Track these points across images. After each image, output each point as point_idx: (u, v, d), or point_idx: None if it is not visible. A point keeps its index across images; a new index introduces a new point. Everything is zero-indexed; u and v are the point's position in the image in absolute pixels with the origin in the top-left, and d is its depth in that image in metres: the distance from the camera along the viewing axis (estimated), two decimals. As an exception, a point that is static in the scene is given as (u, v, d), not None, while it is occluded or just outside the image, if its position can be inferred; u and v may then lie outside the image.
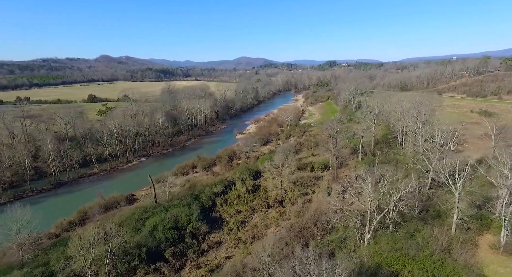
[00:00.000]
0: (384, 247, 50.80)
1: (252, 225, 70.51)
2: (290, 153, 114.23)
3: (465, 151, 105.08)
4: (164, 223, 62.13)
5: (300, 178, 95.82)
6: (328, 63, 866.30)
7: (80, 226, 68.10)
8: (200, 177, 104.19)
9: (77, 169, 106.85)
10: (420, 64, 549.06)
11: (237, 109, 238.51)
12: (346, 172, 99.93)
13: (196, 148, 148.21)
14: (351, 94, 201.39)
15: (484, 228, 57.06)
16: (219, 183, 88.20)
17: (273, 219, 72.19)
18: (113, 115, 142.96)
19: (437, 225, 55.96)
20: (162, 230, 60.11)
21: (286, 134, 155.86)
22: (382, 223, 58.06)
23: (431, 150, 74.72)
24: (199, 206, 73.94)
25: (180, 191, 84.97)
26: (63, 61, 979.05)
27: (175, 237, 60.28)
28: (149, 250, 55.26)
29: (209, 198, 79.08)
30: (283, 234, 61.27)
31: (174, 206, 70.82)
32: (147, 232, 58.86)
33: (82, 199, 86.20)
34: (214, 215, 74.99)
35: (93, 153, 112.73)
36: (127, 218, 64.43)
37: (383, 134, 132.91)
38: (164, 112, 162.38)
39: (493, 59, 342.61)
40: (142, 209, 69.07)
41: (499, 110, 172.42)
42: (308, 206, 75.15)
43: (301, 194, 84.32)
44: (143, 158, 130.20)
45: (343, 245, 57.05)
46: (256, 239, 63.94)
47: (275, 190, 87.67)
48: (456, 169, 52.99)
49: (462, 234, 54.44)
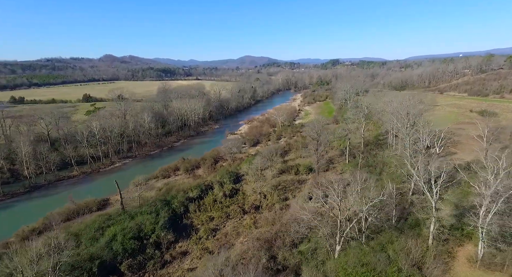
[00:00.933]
0: (352, 261, 46.70)
1: (223, 233, 66.68)
2: (276, 155, 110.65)
3: (458, 153, 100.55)
4: (125, 232, 58.28)
5: (283, 181, 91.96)
6: (331, 61, 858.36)
7: (44, 234, 64.81)
8: (181, 180, 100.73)
9: (54, 171, 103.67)
10: (424, 62, 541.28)
11: (232, 108, 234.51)
12: (331, 175, 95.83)
13: (184, 149, 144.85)
14: (347, 93, 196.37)
15: (466, 239, 52.72)
16: (196, 187, 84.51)
17: (246, 226, 68.36)
18: (99, 115, 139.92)
19: (413, 236, 51.77)
20: (121, 240, 56.14)
21: (277, 135, 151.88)
22: (356, 233, 54.16)
23: (415, 153, 70.36)
24: (169, 212, 70.12)
25: (155, 196, 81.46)
26: (67, 61, 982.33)
27: (135, 248, 56.31)
28: (103, 263, 51.36)
29: (182, 204, 75.24)
30: (249, 245, 57.47)
31: (141, 213, 67.06)
32: (103, 243, 54.99)
33: (55, 203, 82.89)
34: (185, 222, 71.18)
35: (72, 155, 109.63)
36: (86, 227, 60.63)
37: (375, 135, 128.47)
38: (154, 112, 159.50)
39: (497, 57, 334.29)
40: (105, 216, 65.29)
41: (499, 110, 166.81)
42: (284, 213, 71.15)
43: (280, 199, 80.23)
44: (128, 159, 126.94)
45: (313, 256, 53.21)
46: (224, 250, 60.19)
47: (253, 195, 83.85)
48: (432, 176, 48.72)
49: (440, 246, 50.21)
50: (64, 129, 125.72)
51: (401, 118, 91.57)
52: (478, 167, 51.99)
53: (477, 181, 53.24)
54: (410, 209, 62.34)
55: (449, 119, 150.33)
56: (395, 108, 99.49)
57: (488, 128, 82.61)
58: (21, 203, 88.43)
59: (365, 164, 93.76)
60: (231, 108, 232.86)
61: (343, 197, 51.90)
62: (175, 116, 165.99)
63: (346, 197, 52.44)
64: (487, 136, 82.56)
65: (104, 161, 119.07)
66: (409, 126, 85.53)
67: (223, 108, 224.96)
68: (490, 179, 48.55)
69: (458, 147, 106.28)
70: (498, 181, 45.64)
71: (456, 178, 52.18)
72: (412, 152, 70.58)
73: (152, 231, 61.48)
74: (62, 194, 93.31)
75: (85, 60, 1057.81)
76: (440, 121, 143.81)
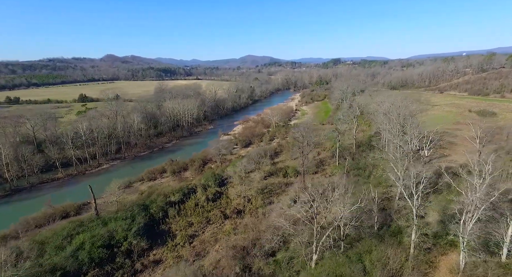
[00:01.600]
0: (326, 272, 43.95)
1: (200, 240, 63.91)
2: (265, 157, 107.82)
3: (452, 155, 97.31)
4: (94, 240, 55.44)
5: (271, 184, 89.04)
6: (333, 61, 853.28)
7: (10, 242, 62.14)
8: (167, 183, 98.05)
9: (38, 174, 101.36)
10: (427, 61, 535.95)
11: (228, 108, 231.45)
12: (321, 178, 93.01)
13: (175, 150, 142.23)
14: (344, 93, 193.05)
15: (450, 247, 49.69)
16: (178, 190, 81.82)
17: (225, 233, 65.61)
18: (89, 116, 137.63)
19: (394, 245, 48.81)
20: (88, 249, 53.18)
21: (271, 136, 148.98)
22: (334, 242, 51.34)
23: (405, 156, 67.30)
24: (146, 218, 67.51)
25: (135, 200, 78.75)
26: (69, 61, 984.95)
27: (103, 257, 53.45)
28: (66, 274, 48.35)
29: (161, 209, 72.51)
30: (223, 254, 54.74)
31: (115, 219, 64.32)
32: (69, 252, 52.17)
33: (35, 207, 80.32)
34: (162, 228, 68.34)
35: (58, 156, 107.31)
36: (54, 234, 57.82)
37: (368, 136, 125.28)
38: (146, 113, 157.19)
39: (499, 56, 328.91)
40: (77, 223, 62.41)
41: (499, 109, 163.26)
42: (266, 218, 68.25)
43: (264, 203, 77.47)
44: (116, 161, 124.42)
45: (288, 266, 50.40)
46: (199, 258, 57.60)
47: (237, 198, 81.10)
48: (413, 181, 45.73)
49: (421, 256, 47.25)
50: (50, 130, 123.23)
51: (391, 119, 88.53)
52: (464, 172, 49.00)
53: (463, 186, 50.37)
54: (396, 215, 59.45)
55: (446, 119, 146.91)
56: (386, 109, 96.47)
57: (481, 129, 79.60)
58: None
59: (355, 167, 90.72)
60: (227, 108, 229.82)
61: (321, 203, 49.16)
62: (168, 117, 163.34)
63: (324, 203, 49.62)
64: (480, 137, 79.67)
65: (91, 163, 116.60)
66: (399, 127, 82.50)
67: (219, 108, 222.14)
68: (475, 185, 45.59)
69: (453, 148, 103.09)
70: (484, 187, 42.77)
71: (439, 184, 49.15)
72: (401, 154, 67.39)
73: (124, 238, 58.72)
74: (44, 197, 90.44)
75: (87, 60, 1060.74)
76: (436, 121, 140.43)
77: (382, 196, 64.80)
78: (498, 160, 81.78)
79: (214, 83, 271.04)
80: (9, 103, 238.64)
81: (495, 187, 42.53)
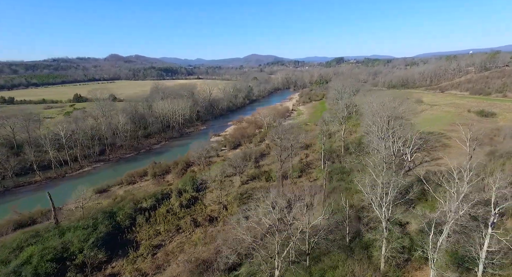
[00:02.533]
0: (284, 292, 39.91)
1: (166, 250, 59.98)
2: (250, 160, 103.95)
3: (444, 158, 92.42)
4: (44, 252, 51.42)
5: (251, 189, 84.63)
6: (336, 59, 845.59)
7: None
8: (146, 186, 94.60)
9: (13, 177, 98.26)
10: (431, 59, 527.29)
11: (223, 108, 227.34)
12: (304, 182, 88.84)
13: (163, 151, 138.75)
14: (339, 93, 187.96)
15: (425, 261, 45.22)
16: (152, 196, 78.15)
17: (192, 243, 61.68)
18: (73, 116, 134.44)
19: (363, 259, 44.60)
20: (35, 263, 49.19)
21: (262, 137, 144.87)
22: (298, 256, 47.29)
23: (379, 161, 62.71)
24: (110, 226, 63.76)
25: (105, 206, 75.06)
26: (72, 61, 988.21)
27: (51, 272, 49.27)
28: (4, 292, 44.99)
29: (129, 216, 68.76)
30: (182, 268, 50.80)
31: (75, 228, 60.52)
32: (13, 267, 48.17)
33: (2, 214, 77.18)
34: (128, 237, 64.57)
35: (35, 159, 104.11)
36: (1, 247, 53.91)
37: (360, 137, 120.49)
38: (135, 113, 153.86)
39: (503, 54, 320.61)
40: (31, 233, 58.59)
41: (499, 109, 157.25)
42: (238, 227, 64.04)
43: (241, 210, 73.09)
44: (100, 163, 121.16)
45: (250, 283, 46.41)
46: (159, 271, 53.69)
47: (213, 205, 77.10)
48: (378, 190, 41.37)
49: (391, 272, 42.93)
50: (29, 132, 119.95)
51: (376, 120, 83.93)
52: (444, 179, 44.47)
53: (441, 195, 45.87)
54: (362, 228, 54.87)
55: (444, 120, 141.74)
56: (374, 110, 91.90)
57: (471, 132, 74.90)
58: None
59: (340, 171, 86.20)
60: (222, 108, 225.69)
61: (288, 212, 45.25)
62: (157, 117, 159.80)
63: (290, 214, 45.62)
64: (471, 140, 75.07)
65: (72, 165, 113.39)
66: (384, 129, 77.94)
67: (214, 108, 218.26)
68: (453, 193, 41.07)
69: (447, 151, 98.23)
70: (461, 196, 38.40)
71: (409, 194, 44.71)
72: (378, 159, 62.82)
73: (80, 250, 54.74)
74: (16, 202, 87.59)
75: (91, 60, 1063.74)
76: (433, 122, 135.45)
77: (359, 205, 60.56)
78: (489, 164, 77.40)
79: (209, 83, 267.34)
80: (3, 103, 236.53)
81: (470, 198, 37.94)
